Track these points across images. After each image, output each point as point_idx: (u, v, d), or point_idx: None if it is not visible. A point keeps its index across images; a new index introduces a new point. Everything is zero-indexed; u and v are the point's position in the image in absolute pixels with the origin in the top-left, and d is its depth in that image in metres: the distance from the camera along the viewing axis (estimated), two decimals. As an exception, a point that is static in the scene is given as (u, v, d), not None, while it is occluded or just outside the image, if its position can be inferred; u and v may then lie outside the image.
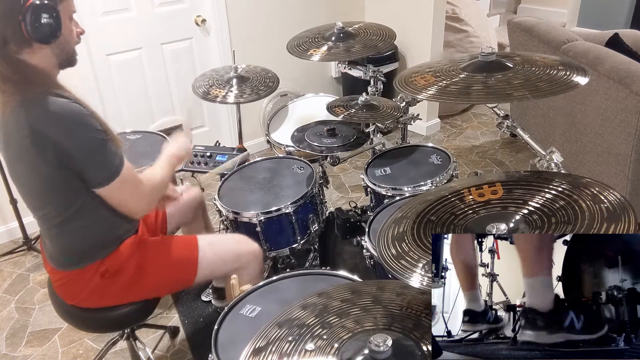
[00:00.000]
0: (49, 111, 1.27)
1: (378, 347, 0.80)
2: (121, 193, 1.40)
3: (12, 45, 1.27)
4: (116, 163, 1.35)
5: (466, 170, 3.31)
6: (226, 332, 1.28)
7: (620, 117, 2.32)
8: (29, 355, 2.16)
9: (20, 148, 1.30)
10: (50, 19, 1.27)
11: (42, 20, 1.26)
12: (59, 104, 1.28)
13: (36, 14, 1.25)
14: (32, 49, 1.30)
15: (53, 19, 1.28)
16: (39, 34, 1.27)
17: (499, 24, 5.93)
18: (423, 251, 0.93)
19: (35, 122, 1.26)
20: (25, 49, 1.29)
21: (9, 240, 2.89)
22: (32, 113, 1.26)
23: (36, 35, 1.26)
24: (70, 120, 1.28)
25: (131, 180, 1.41)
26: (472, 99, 1.19)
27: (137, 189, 1.44)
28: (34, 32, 1.26)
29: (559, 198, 0.94)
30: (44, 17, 1.26)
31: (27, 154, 1.29)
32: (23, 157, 1.32)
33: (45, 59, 1.33)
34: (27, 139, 1.27)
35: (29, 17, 1.24)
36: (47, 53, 1.33)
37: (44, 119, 1.26)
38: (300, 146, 2.10)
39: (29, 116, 1.26)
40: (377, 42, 2.02)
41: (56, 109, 1.27)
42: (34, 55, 1.31)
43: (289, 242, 1.93)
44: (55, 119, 1.27)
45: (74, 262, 1.47)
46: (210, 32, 3.25)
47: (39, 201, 1.41)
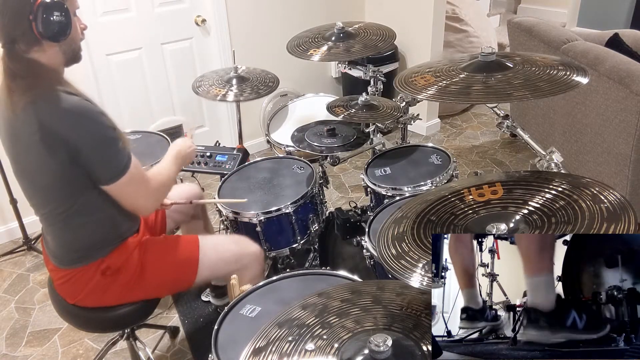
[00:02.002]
0: (60, 108, 1.27)
1: (378, 347, 0.80)
2: (128, 190, 1.41)
3: (21, 44, 1.28)
4: (125, 160, 1.36)
5: (466, 170, 3.31)
6: (226, 332, 1.28)
7: (620, 117, 2.32)
8: (29, 355, 2.16)
9: (28, 145, 1.30)
10: (61, 16, 1.28)
11: (53, 19, 1.27)
12: (69, 101, 1.28)
13: (48, 13, 1.26)
14: (42, 47, 1.31)
15: (64, 16, 1.29)
16: (50, 32, 1.28)
17: (499, 24, 5.93)
18: (423, 251, 0.93)
19: (46, 119, 1.26)
20: (34, 47, 1.30)
21: (9, 240, 2.89)
22: (42, 110, 1.27)
23: (48, 33, 1.27)
24: (81, 117, 1.29)
25: (138, 177, 1.42)
26: (472, 99, 1.19)
27: (144, 187, 1.45)
28: (46, 31, 1.27)
29: (559, 198, 0.94)
30: (56, 15, 1.27)
31: (35, 150, 1.30)
32: (31, 153, 1.32)
33: (54, 57, 1.34)
34: (36, 135, 1.27)
35: (40, 15, 1.25)
36: (55, 51, 1.34)
37: (55, 116, 1.27)
38: (300, 146, 2.10)
39: (39, 113, 1.26)
40: (377, 42, 2.02)
41: (66, 105, 1.28)
42: (43, 54, 1.32)
43: (289, 242, 1.93)
44: (65, 115, 1.28)
45: (76, 259, 1.47)
46: (210, 32, 3.25)
47: (44, 198, 1.41)
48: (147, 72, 3.12)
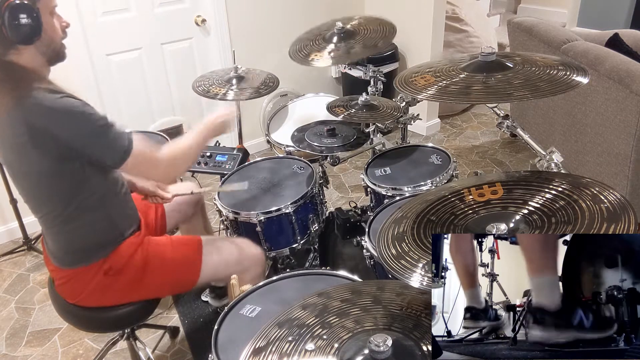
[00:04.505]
0: (44, 106, 1.27)
1: (378, 347, 0.80)
2: (139, 169, 1.42)
3: None
4: (125, 143, 1.36)
5: (466, 170, 3.31)
6: (226, 332, 1.28)
7: (620, 117, 2.32)
8: (29, 355, 2.16)
9: (18, 149, 1.30)
10: (28, 18, 1.26)
11: (20, 21, 1.25)
12: (51, 99, 1.28)
13: (14, 16, 1.24)
14: (17, 50, 1.30)
15: (32, 18, 1.26)
16: (19, 35, 1.26)
17: (499, 24, 5.93)
18: (423, 251, 0.93)
19: (32, 119, 1.26)
20: (10, 50, 1.29)
21: (9, 240, 2.89)
22: (27, 111, 1.26)
23: (18, 36, 1.26)
24: (67, 113, 1.29)
25: (145, 157, 1.42)
26: (472, 99, 1.19)
27: (152, 165, 1.45)
28: (15, 34, 1.25)
29: (559, 198, 0.94)
30: (22, 17, 1.25)
31: (25, 153, 1.30)
32: (22, 157, 1.32)
33: (33, 58, 1.33)
34: (24, 137, 1.27)
35: (7, 19, 1.23)
36: (32, 52, 1.32)
37: (40, 115, 1.27)
38: (300, 146, 2.10)
39: (24, 115, 1.26)
40: (378, 39, 2.02)
41: (50, 103, 1.27)
42: (20, 56, 1.31)
43: (289, 242, 1.92)
44: (51, 113, 1.27)
45: (77, 260, 1.48)
46: (210, 32, 3.25)
47: (39, 201, 1.41)
48: (147, 72, 3.12)
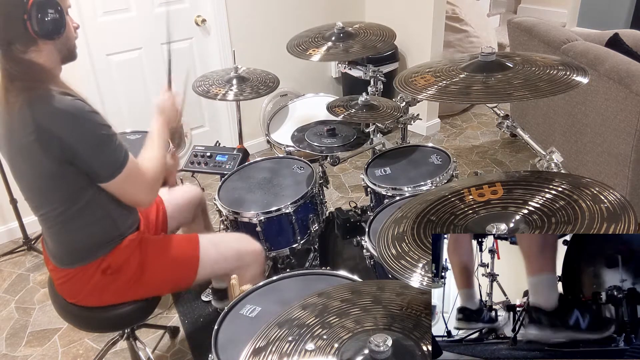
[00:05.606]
0: (55, 108, 1.28)
1: (378, 347, 0.79)
2: (127, 185, 1.41)
3: (18, 45, 1.29)
4: (121, 157, 1.37)
5: (466, 170, 3.31)
6: (226, 332, 1.28)
7: (620, 117, 2.32)
8: (29, 355, 2.16)
9: (24, 146, 1.31)
10: (55, 13, 1.29)
11: (48, 17, 1.28)
12: (64, 101, 1.29)
13: (42, 11, 1.27)
14: (38, 47, 1.31)
15: (58, 13, 1.30)
16: (45, 30, 1.29)
17: (499, 24, 5.93)
18: (423, 251, 0.93)
19: (41, 120, 1.27)
20: (31, 47, 1.31)
21: (9, 240, 2.89)
22: (38, 111, 1.27)
23: (43, 31, 1.29)
24: (76, 117, 1.30)
25: (135, 172, 1.42)
26: (472, 99, 1.19)
27: (141, 180, 1.45)
28: (41, 29, 1.28)
29: (559, 198, 0.94)
30: (50, 12, 1.28)
31: (31, 151, 1.30)
32: (27, 154, 1.33)
33: (50, 56, 1.35)
34: (32, 135, 1.28)
35: (34, 14, 1.26)
36: (51, 49, 1.34)
37: (50, 116, 1.28)
38: (300, 146, 2.10)
39: (35, 114, 1.27)
40: (377, 42, 2.02)
41: (62, 106, 1.28)
42: (40, 54, 1.32)
43: (289, 242, 1.92)
44: (61, 115, 1.28)
45: (77, 259, 1.48)
46: (210, 32, 3.25)
47: (41, 199, 1.42)
48: (147, 72, 3.12)
